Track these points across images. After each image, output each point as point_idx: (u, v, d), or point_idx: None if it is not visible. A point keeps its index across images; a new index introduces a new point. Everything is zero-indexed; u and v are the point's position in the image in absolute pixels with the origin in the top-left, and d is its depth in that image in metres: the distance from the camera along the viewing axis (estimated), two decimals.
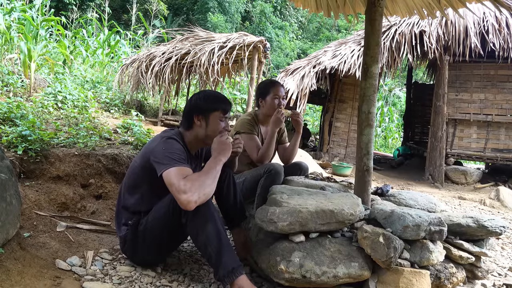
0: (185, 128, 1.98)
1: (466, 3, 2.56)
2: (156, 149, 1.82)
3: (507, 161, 6.72)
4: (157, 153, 1.79)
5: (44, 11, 8.90)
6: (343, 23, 22.12)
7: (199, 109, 1.94)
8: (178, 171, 1.70)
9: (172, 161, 1.74)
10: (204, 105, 1.94)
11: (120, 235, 1.97)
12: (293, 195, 2.00)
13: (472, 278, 2.09)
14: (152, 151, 1.82)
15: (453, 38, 6.39)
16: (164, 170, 1.70)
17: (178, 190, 1.64)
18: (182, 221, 1.76)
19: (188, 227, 1.75)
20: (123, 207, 1.97)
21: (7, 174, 1.74)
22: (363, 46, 2.34)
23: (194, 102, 1.97)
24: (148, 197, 1.92)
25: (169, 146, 1.81)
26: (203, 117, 1.94)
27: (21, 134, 2.69)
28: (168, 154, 1.77)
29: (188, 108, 1.98)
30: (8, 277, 1.54)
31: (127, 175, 2.01)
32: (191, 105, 1.97)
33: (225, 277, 1.66)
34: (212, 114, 1.94)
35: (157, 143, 1.85)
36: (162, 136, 1.90)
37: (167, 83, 6.75)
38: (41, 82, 5.85)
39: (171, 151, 1.79)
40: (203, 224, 1.70)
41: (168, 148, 1.80)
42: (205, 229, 1.70)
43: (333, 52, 7.79)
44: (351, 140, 7.99)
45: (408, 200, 2.44)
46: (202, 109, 1.94)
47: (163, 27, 15.27)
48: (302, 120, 2.70)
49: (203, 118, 1.94)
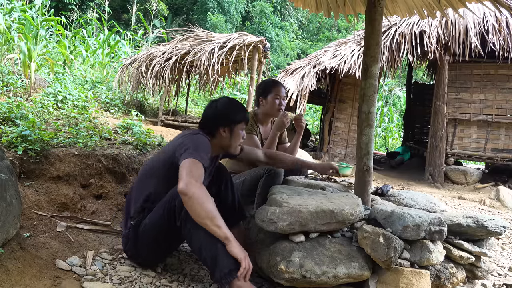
0: (208, 135, 1.99)
1: (466, 3, 2.56)
2: (186, 140, 1.84)
3: (507, 161, 6.72)
4: (188, 142, 1.81)
5: (44, 11, 8.90)
6: (343, 23, 22.11)
7: (226, 121, 1.97)
8: (194, 163, 1.71)
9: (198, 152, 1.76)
10: (231, 117, 1.98)
11: (123, 233, 1.97)
12: (293, 195, 2.00)
13: (472, 278, 2.10)
14: (182, 143, 1.84)
15: (453, 38, 6.39)
16: (189, 157, 1.72)
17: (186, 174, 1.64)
18: (176, 224, 1.75)
19: (183, 231, 1.74)
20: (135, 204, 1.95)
21: (7, 174, 1.74)
22: (363, 46, 2.34)
23: (220, 112, 1.98)
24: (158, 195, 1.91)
25: (202, 142, 1.85)
26: (228, 129, 1.98)
27: (21, 134, 2.69)
28: (197, 145, 1.80)
29: (212, 118, 1.99)
30: (8, 277, 1.54)
31: (142, 173, 2.01)
32: (216, 115, 1.98)
33: (222, 279, 1.64)
34: (237, 126, 1.99)
35: (189, 137, 1.88)
36: (194, 132, 1.94)
37: (167, 83, 6.75)
38: (41, 82, 5.85)
39: (200, 143, 1.82)
40: (197, 227, 1.68)
41: (198, 140, 1.84)
42: (199, 232, 1.68)
43: (333, 52, 7.79)
44: (351, 140, 7.99)
45: (408, 200, 2.44)
46: (229, 121, 1.98)
47: (163, 27, 15.27)
48: (304, 123, 2.69)
49: (229, 130, 1.98)
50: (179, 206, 1.71)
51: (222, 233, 1.67)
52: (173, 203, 1.75)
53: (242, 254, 1.67)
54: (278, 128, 2.56)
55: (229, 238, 1.67)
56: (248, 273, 1.67)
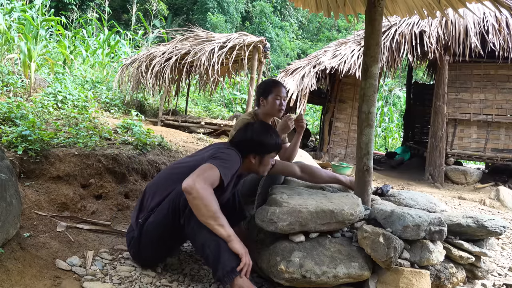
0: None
1: (466, 3, 2.56)
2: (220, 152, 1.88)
3: (507, 161, 6.72)
4: (221, 154, 1.85)
5: (44, 11, 8.90)
6: (343, 23, 22.12)
7: (258, 150, 1.99)
8: (212, 171, 1.73)
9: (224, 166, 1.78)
10: (264, 147, 1.99)
11: (128, 230, 1.98)
12: (293, 195, 2.00)
13: (472, 278, 2.10)
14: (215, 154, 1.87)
15: (453, 38, 6.39)
16: (213, 163, 1.75)
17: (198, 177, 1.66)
18: (180, 222, 1.76)
19: (186, 229, 1.76)
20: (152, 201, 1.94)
21: (7, 174, 1.74)
22: (363, 46, 2.34)
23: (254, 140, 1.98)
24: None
25: (233, 159, 1.88)
26: (259, 158, 2.00)
27: (21, 134, 2.69)
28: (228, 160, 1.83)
29: (245, 143, 1.99)
30: (8, 277, 1.54)
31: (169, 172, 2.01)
32: (249, 142, 1.98)
33: (224, 277, 1.65)
34: (267, 155, 2.01)
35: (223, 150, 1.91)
36: (228, 146, 1.97)
37: (167, 83, 6.74)
38: (41, 82, 5.85)
39: (231, 159, 1.85)
40: (200, 225, 1.70)
41: (233, 160, 1.87)
42: (203, 230, 1.70)
43: (333, 52, 7.78)
44: (351, 140, 7.99)
45: (408, 200, 2.44)
46: (260, 151, 2.00)
47: (163, 27, 15.27)
48: (305, 123, 2.68)
49: (259, 159, 2.01)
50: (184, 204, 1.73)
51: (225, 232, 1.69)
52: (178, 201, 1.76)
53: (243, 250, 1.70)
54: (281, 130, 2.56)
55: (232, 237, 1.70)
56: (248, 269, 1.69)
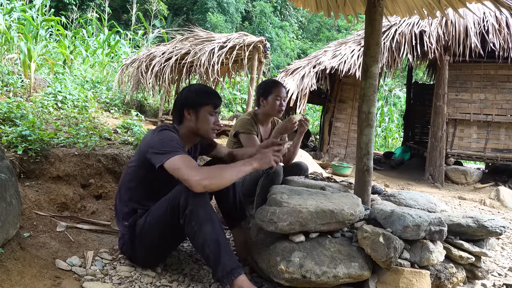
0: (177, 123, 1.98)
1: (466, 3, 2.56)
2: (153, 140, 1.79)
3: (507, 161, 6.72)
4: (155, 143, 1.76)
5: (44, 11, 8.89)
6: (343, 23, 22.11)
7: (190, 103, 1.94)
8: (183, 159, 1.67)
9: (173, 148, 1.71)
10: (195, 99, 1.94)
11: (120, 234, 1.97)
12: (293, 195, 2.00)
13: (472, 278, 2.09)
14: (148, 144, 1.79)
15: (453, 38, 6.39)
16: (165, 159, 1.67)
17: (188, 172, 1.61)
18: (180, 222, 1.75)
19: (186, 228, 1.74)
20: (120, 204, 1.96)
21: (7, 174, 1.74)
22: (363, 46, 2.34)
23: (184, 95, 1.96)
24: (144, 196, 1.92)
25: (166, 136, 1.78)
26: (193, 111, 1.94)
27: (21, 134, 2.69)
28: (167, 142, 1.74)
29: (179, 102, 1.97)
30: (8, 277, 1.54)
31: (125, 173, 2.00)
32: (181, 99, 1.97)
33: (224, 277, 1.63)
34: (202, 108, 1.94)
35: (152, 136, 1.83)
36: (155, 129, 1.88)
37: (167, 83, 6.73)
38: (41, 82, 5.84)
39: (169, 139, 1.76)
40: (200, 225, 1.68)
41: (166, 137, 1.77)
42: (203, 230, 1.68)
43: (333, 52, 7.79)
44: (351, 140, 7.99)
45: (408, 200, 2.44)
46: (193, 103, 1.94)
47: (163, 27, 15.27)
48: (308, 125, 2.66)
49: (194, 112, 1.94)
50: (183, 204, 1.71)
51: (248, 169, 1.72)
52: (177, 201, 1.73)
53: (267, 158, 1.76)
54: (281, 131, 2.55)
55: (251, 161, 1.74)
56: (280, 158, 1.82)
